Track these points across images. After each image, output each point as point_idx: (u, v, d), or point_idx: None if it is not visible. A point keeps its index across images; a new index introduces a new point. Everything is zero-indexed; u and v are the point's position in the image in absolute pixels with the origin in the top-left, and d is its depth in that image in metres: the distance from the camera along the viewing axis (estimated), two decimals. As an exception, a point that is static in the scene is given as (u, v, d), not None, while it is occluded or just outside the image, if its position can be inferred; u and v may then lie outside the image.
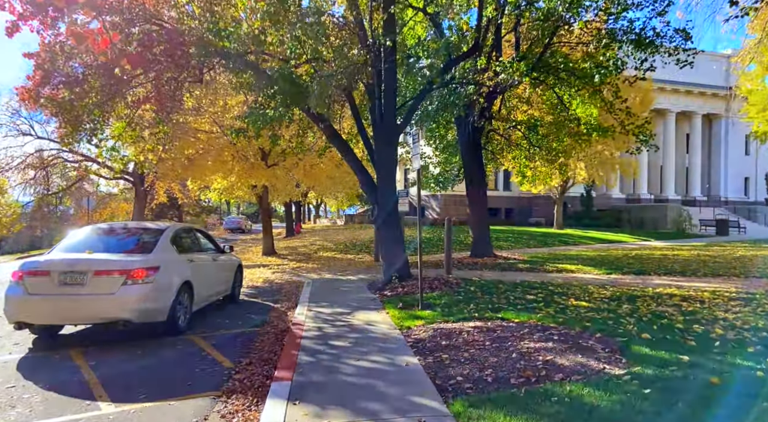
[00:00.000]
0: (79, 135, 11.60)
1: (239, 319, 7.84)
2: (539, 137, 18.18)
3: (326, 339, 6.06)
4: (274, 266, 15.64)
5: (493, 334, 5.64)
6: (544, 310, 6.91)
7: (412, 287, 9.34)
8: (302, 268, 14.83)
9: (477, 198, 15.32)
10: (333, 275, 12.85)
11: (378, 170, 10.23)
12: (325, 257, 17.66)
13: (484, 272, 12.31)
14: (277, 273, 13.83)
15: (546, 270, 12.22)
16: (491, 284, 9.56)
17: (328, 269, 14.33)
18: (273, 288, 11.22)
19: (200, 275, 7.44)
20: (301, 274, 13.31)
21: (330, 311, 7.87)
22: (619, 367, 4.28)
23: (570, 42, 14.63)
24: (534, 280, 10.31)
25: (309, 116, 10.48)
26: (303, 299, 9.10)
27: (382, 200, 10.12)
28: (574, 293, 8.38)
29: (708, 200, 39.45)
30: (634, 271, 11.63)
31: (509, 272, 12.03)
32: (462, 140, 15.30)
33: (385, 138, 9.89)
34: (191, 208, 56.53)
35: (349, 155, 10.55)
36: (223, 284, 8.63)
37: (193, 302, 7.12)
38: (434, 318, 6.86)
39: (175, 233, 7.20)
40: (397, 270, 10.06)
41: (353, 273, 12.99)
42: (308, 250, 19.85)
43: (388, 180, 10.12)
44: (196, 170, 14.93)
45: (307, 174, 17.02)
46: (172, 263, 6.77)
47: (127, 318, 5.98)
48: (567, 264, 13.24)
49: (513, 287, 9.23)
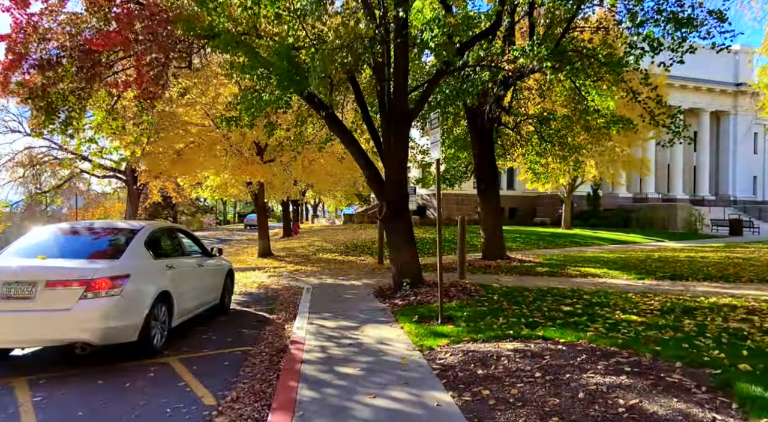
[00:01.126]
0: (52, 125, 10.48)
1: (228, 335, 6.70)
2: (552, 132, 17.16)
3: (332, 364, 4.94)
4: (270, 269, 14.50)
5: (541, 361, 4.52)
6: (592, 326, 5.80)
7: (426, 296, 8.22)
8: (301, 271, 13.70)
9: (489, 196, 14.21)
10: (335, 279, 11.73)
11: (386, 163, 9.11)
12: (324, 259, 16.53)
13: (501, 276, 11.20)
14: (273, 277, 12.69)
15: (569, 275, 11.12)
16: (515, 292, 8.45)
17: (329, 272, 13.21)
18: (269, 295, 10.09)
19: (182, 283, 6.31)
20: (300, 278, 12.18)
21: (334, 325, 6.74)
22: (735, 418, 3.17)
23: (590, 27, 13.54)
24: (561, 286, 9.20)
25: (309, 103, 9.35)
26: (302, 309, 7.97)
27: (392, 196, 9.00)
28: (616, 303, 7.27)
29: (716, 199, 38.45)
30: (668, 276, 10.54)
31: (529, 277, 10.92)
32: (473, 133, 14.19)
33: (395, 127, 8.77)
34: (186, 207, 55.45)
35: (354, 147, 9.42)
36: (211, 293, 7.49)
37: (172, 317, 5.99)
38: (460, 335, 5.75)
39: (150, 234, 6.06)
40: (408, 276, 8.94)
41: (357, 277, 11.87)
42: (307, 251, 18.72)
43: (398, 174, 9.01)
44: (186, 166, 13.78)
45: (305, 170, 15.89)
46: (146, 271, 5.63)
47: (85, 340, 4.85)
48: (590, 268, 12.14)
49: (541, 295, 8.12)
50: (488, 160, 14.26)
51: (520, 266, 12.88)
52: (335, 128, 9.48)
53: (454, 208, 35.46)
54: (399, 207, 9.05)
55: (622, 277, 10.62)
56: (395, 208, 9.01)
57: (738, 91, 38.97)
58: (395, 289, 9.02)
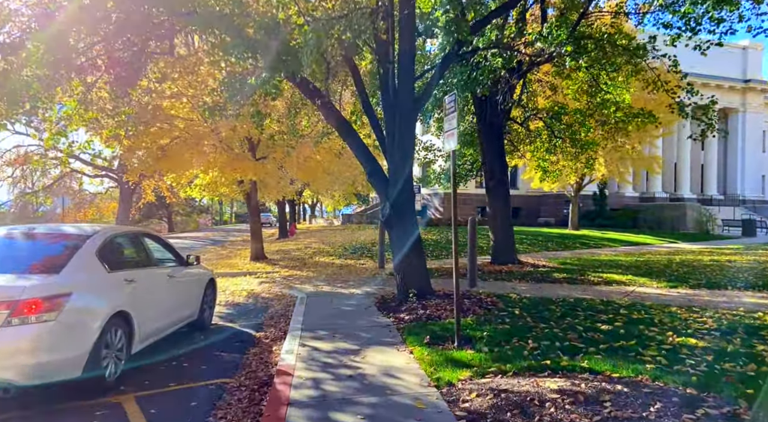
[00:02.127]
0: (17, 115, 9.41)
1: (204, 360, 5.62)
2: (563, 127, 16.13)
3: (326, 409, 3.87)
4: (262, 274, 13.41)
5: (601, 410, 3.44)
6: (646, 354, 4.73)
7: (436, 309, 7.16)
8: (295, 277, 12.61)
9: (498, 195, 13.14)
10: (332, 286, 10.65)
11: (390, 157, 8.04)
12: (321, 262, 15.45)
13: (516, 284, 10.14)
14: (265, 284, 11.61)
15: (591, 282, 10.05)
16: (539, 305, 7.37)
17: (326, 278, 12.13)
18: (257, 306, 9.00)
19: (146, 300, 5.23)
20: (294, 285, 11.10)
21: (330, 348, 5.67)
22: None
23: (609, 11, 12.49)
24: (588, 297, 8.13)
25: (302, 90, 8.28)
26: (294, 326, 6.89)
27: (396, 195, 7.93)
28: (662, 320, 6.20)
29: (725, 198, 37.45)
30: (703, 284, 9.48)
31: (547, 285, 9.86)
32: (481, 127, 13.12)
33: (401, 116, 7.70)
34: (181, 208, 54.30)
35: (353, 139, 8.35)
36: (186, 309, 6.40)
37: (132, 342, 4.90)
38: (483, 363, 4.69)
39: (105, 241, 4.97)
40: (415, 285, 7.87)
41: (356, 284, 10.79)
42: (303, 254, 17.62)
43: (404, 170, 7.93)
44: (171, 163, 12.69)
45: (301, 168, 14.80)
46: (96, 287, 4.55)
47: (8, 379, 3.77)
48: (612, 274, 11.07)
49: (569, 309, 7.05)
50: (498, 156, 13.20)
51: (534, 271, 11.81)
52: (332, 118, 8.40)
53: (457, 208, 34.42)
54: (404, 207, 7.98)
55: (651, 285, 9.55)
56: (399, 208, 7.95)
57: (747, 88, 37.99)
58: (400, 300, 7.95)
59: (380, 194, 8.25)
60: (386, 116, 8.06)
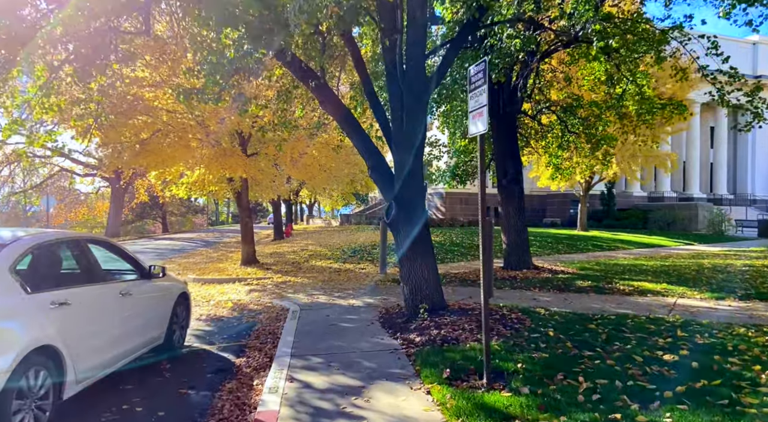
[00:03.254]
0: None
1: (163, 403, 4.42)
2: (577, 121, 15.01)
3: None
4: (252, 280, 12.22)
5: None
6: (744, 401, 3.56)
7: (453, 329, 5.98)
8: (288, 284, 11.42)
9: (512, 194, 11.95)
10: (329, 295, 9.47)
11: (396, 149, 6.86)
12: (318, 267, 14.26)
13: (537, 293, 8.97)
14: (254, 292, 10.42)
15: (622, 292, 8.88)
16: (575, 323, 6.20)
17: (322, 285, 10.94)
18: (243, 321, 7.81)
19: (86, 327, 4.05)
20: (287, 294, 9.91)
21: (325, 384, 4.49)
22: None
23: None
24: (630, 312, 6.95)
25: (293, 70, 7.10)
26: (283, 350, 5.71)
27: (403, 192, 6.76)
28: (736, 347, 5.02)
29: (735, 198, 36.34)
30: (752, 294, 8.31)
31: (573, 295, 8.68)
32: (493, 120, 11.93)
33: (410, 98, 6.54)
34: (175, 208, 53.09)
35: (352, 128, 7.17)
36: (148, 332, 5.21)
37: (64, 386, 3.72)
38: (527, 414, 3.52)
39: (25, 252, 3.79)
40: (426, 299, 6.69)
41: (356, 293, 9.61)
42: (298, 257, 16.43)
43: (413, 163, 6.76)
44: (152, 158, 11.48)
45: (295, 164, 13.59)
46: (5, 315, 3.36)
47: None
48: (641, 281, 9.90)
49: (614, 328, 5.87)
50: (511, 150, 12.02)
51: (554, 278, 10.64)
52: (328, 104, 7.22)
53: (459, 208, 33.29)
54: (412, 206, 6.81)
55: (693, 296, 8.38)
56: (407, 207, 6.77)
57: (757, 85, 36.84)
58: (408, 316, 6.77)
59: (384, 192, 7.07)
60: (392, 100, 6.88)
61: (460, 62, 9.79)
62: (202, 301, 9.70)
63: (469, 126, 4.49)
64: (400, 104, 6.77)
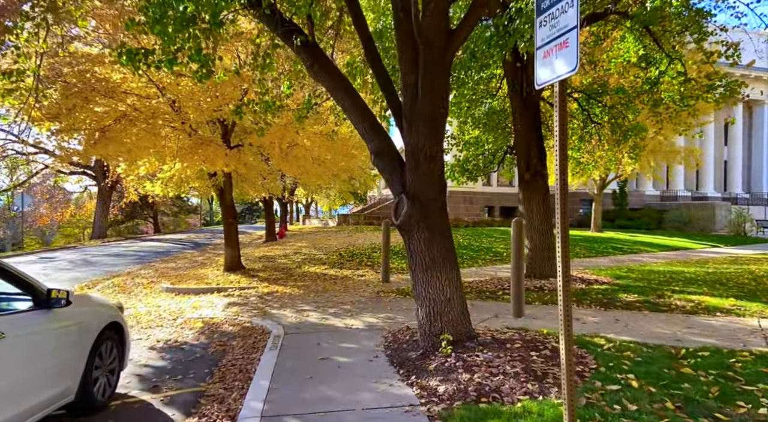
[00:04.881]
0: None
1: None
2: (602, 109, 13.39)
3: None
4: (234, 291, 10.51)
5: None
6: None
7: (488, 371, 4.31)
8: (275, 296, 9.72)
9: (536, 190, 10.28)
10: (321, 312, 7.77)
11: (410, 128, 5.16)
12: (311, 274, 12.55)
13: (578, 311, 7.29)
14: (233, 307, 8.71)
15: (683, 309, 7.19)
16: (660, 364, 4.49)
17: (315, 298, 9.25)
18: (208, 352, 6.09)
19: None
20: (271, 310, 8.21)
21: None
22: None
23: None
24: (717, 343, 5.26)
25: (271, 26, 5.38)
26: (251, 405, 4.01)
27: (419, 184, 5.07)
28: None
29: (750, 197, 34.72)
30: None
31: (624, 314, 7.00)
32: (515, 101, 10.26)
33: (428, 58, 4.85)
34: (167, 207, 51.31)
35: (350, 100, 5.46)
36: (47, 387, 3.48)
37: None
38: None
39: None
40: (449, 326, 5.00)
41: (354, 308, 7.91)
42: (290, 262, 14.71)
43: (432, 146, 5.07)
44: (113, 147, 9.73)
45: (285, 158, 11.88)
46: None
47: None
48: (700, 296, 8.22)
49: (720, 375, 4.18)
50: (535, 138, 10.34)
51: (589, 289, 8.97)
52: (320, 69, 5.50)
53: (462, 208, 31.61)
54: (429, 203, 5.12)
55: (776, 315, 6.71)
56: (423, 205, 5.07)
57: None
58: (425, 349, 5.07)
59: (391, 184, 5.37)
60: (402, 62, 5.18)
61: (481, 28, 8.10)
62: (168, 319, 7.99)
63: (539, 70, 2.80)
64: (413, 66, 5.07)
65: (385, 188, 42.95)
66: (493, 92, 12.58)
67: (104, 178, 34.86)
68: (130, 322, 7.83)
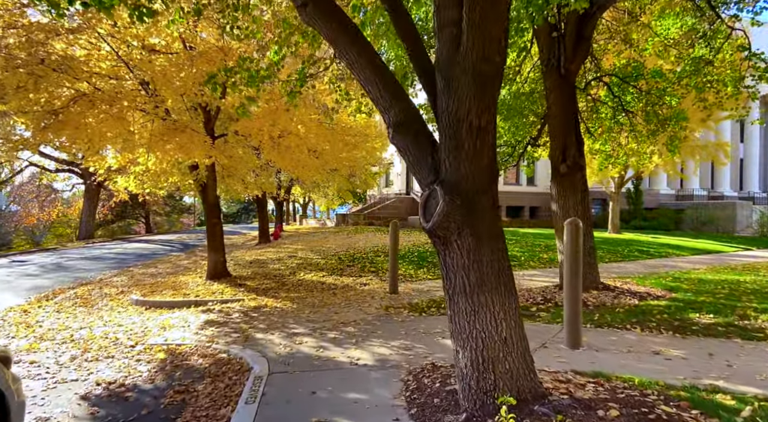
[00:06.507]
0: None
1: None
2: (636, 95, 11.84)
3: None
4: (215, 304, 8.86)
5: None
6: None
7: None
8: (263, 312, 8.07)
9: (574, 186, 8.65)
10: (319, 338, 6.13)
11: (447, 87, 3.52)
12: (307, 282, 10.91)
13: (647, 338, 5.68)
14: (210, 328, 7.05)
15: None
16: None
17: (311, 315, 7.61)
18: (159, 406, 4.42)
19: None
20: (256, 334, 6.57)
21: None
22: None
23: None
24: None
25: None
26: None
27: (459, 169, 3.45)
28: None
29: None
30: None
31: (713, 344, 5.38)
32: (549, 79, 8.62)
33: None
34: (159, 207, 49.60)
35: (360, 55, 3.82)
36: None
37: None
38: None
39: None
40: (506, 378, 3.36)
41: (360, 334, 6.27)
42: (283, 267, 13.04)
43: (480, 114, 3.42)
44: (67, 132, 8.01)
45: (276, 148, 10.20)
46: None
47: None
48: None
49: None
50: (574, 124, 8.72)
51: (645, 305, 7.35)
52: (317, 12, 3.85)
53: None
54: (478, 199, 3.49)
55: None
56: (468, 201, 3.45)
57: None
58: (471, 413, 3.42)
59: (419, 170, 3.73)
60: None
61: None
62: (124, 346, 6.34)
63: None
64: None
65: (386, 187, 41.16)
66: (516, 69, 10.96)
67: (91, 176, 33.18)
68: (74, 351, 6.18)
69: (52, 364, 5.64)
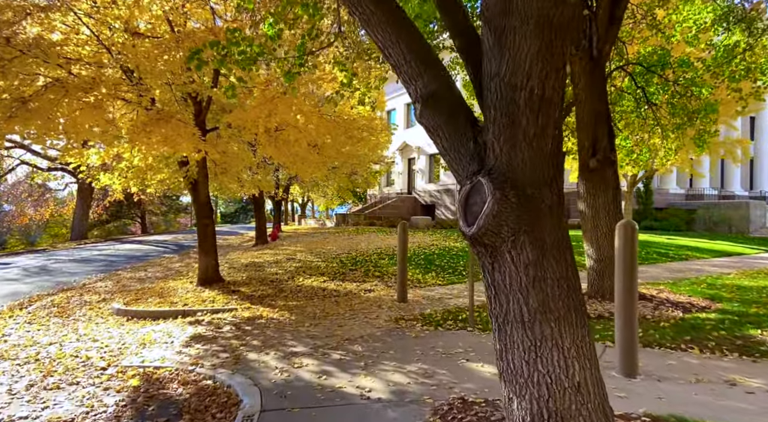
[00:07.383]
0: None
1: None
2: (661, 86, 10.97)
3: None
4: (205, 315, 7.95)
5: None
6: None
7: None
8: (257, 325, 7.16)
9: (605, 183, 7.73)
10: (321, 361, 5.22)
11: (497, 43, 2.61)
12: (306, 288, 10.00)
13: (711, 362, 4.78)
14: (194, 347, 6.14)
15: None
16: None
17: (311, 330, 6.70)
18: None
19: None
20: (248, 354, 5.65)
21: None
22: None
23: None
24: None
25: None
26: None
27: (513, 155, 2.53)
28: None
29: (779, 196, 32.32)
30: None
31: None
32: (578, 64, 7.70)
33: None
34: (155, 207, 48.60)
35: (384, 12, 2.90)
36: None
37: None
38: None
39: None
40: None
41: (370, 354, 5.36)
42: (281, 271, 12.12)
43: (540, 78, 2.51)
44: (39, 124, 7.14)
45: (273, 141, 9.29)
46: None
47: None
48: None
49: None
50: (605, 115, 7.81)
51: (695, 320, 6.46)
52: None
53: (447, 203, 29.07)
54: (539, 196, 2.57)
55: None
56: (526, 200, 2.53)
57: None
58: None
59: (454, 157, 2.82)
60: None
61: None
62: (93, 368, 5.42)
63: None
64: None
65: (387, 187, 40.18)
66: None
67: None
68: (34, 375, 5.27)
69: (3, 393, 4.73)
